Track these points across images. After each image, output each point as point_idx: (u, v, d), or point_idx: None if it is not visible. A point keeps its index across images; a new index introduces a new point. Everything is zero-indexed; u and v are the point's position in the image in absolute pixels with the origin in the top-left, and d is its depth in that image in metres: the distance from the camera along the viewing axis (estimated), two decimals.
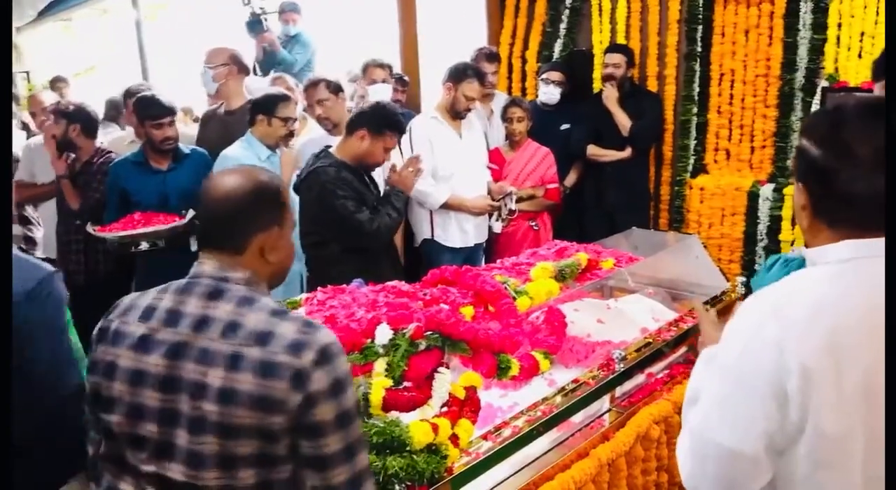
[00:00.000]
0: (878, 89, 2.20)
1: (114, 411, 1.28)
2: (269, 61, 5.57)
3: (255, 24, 5.46)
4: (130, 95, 4.12)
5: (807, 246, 1.26)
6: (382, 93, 4.05)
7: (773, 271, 2.63)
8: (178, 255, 3.22)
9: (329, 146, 3.11)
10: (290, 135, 3.47)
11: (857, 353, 1.09)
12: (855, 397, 1.09)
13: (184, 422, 1.23)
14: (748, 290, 2.83)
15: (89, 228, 3.24)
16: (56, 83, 6.70)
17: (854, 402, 1.09)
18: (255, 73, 5.39)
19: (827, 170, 1.17)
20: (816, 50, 4.03)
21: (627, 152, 4.32)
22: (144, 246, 3.16)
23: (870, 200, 1.13)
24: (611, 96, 4.31)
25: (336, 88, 3.64)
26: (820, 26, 4.01)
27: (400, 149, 3.81)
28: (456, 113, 3.81)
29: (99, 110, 5.43)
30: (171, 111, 3.37)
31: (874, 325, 1.10)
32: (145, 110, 3.34)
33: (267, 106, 3.36)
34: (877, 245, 1.15)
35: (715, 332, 1.52)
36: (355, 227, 2.94)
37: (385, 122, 3.03)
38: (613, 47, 4.44)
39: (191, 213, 3.27)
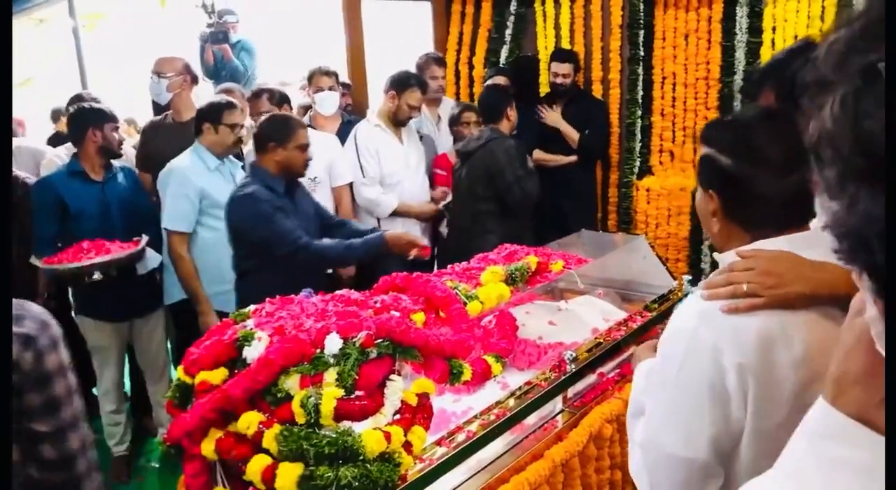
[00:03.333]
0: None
1: None
2: (216, 70, 5.48)
3: (221, 36, 5.36)
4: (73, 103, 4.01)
5: (719, 251, 1.31)
6: (330, 101, 4.03)
7: None
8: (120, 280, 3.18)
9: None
10: (239, 141, 3.43)
11: (786, 345, 1.13)
12: (790, 387, 1.12)
13: None
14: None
15: (35, 261, 3.13)
16: None
17: (790, 392, 1.12)
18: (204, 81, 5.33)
19: (740, 176, 1.22)
20: (753, 53, 4.16)
21: (573, 158, 4.38)
22: (98, 276, 3.06)
23: (784, 199, 1.20)
24: (551, 116, 4.37)
25: (280, 100, 3.60)
26: (755, 30, 4.14)
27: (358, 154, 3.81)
28: (398, 121, 3.82)
29: (45, 120, 5.32)
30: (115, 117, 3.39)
31: (804, 317, 1.15)
32: (100, 114, 3.29)
33: (212, 114, 3.32)
34: (781, 242, 1.21)
35: (648, 349, 1.58)
36: (531, 192, 3.62)
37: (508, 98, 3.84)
38: (560, 55, 4.49)
39: (144, 238, 3.21)
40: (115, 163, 3.40)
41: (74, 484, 1.40)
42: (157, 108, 4.29)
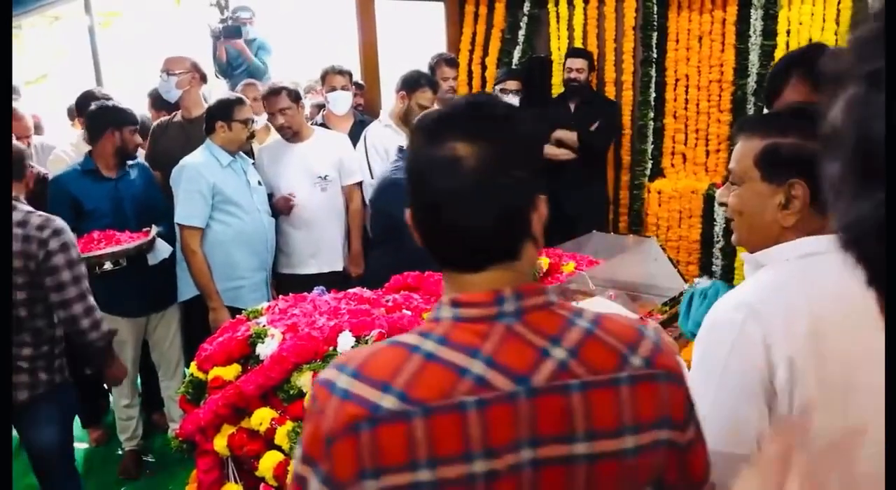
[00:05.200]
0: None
1: None
2: (229, 67, 5.50)
3: (235, 30, 5.38)
4: (88, 101, 4.03)
5: (754, 249, 1.29)
6: (343, 100, 4.04)
7: (695, 307, 2.62)
8: (135, 272, 3.21)
9: None
10: (252, 136, 3.45)
11: (837, 344, 1.11)
12: (835, 387, 1.10)
13: None
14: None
15: None
16: None
17: (835, 392, 1.10)
18: (217, 78, 5.35)
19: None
20: (767, 56, 4.14)
21: (572, 155, 4.35)
22: (108, 266, 3.09)
23: None
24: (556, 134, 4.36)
25: (296, 97, 3.62)
26: (770, 33, 4.12)
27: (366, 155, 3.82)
28: (409, 121, 3.82)
29: (60, 116, 5.35)
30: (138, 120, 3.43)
31: (850, 316, 1.12)
32: (122, 116, 3.31)
33: (224, 112, 3.34)
34: (828, 241, 1.18)
35: None
36: None
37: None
38: (575, 52, 4.49)
39: (154, 229, 3.24)
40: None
41: (79, 332, 2.41)
42: (168, 107, 4.32)
